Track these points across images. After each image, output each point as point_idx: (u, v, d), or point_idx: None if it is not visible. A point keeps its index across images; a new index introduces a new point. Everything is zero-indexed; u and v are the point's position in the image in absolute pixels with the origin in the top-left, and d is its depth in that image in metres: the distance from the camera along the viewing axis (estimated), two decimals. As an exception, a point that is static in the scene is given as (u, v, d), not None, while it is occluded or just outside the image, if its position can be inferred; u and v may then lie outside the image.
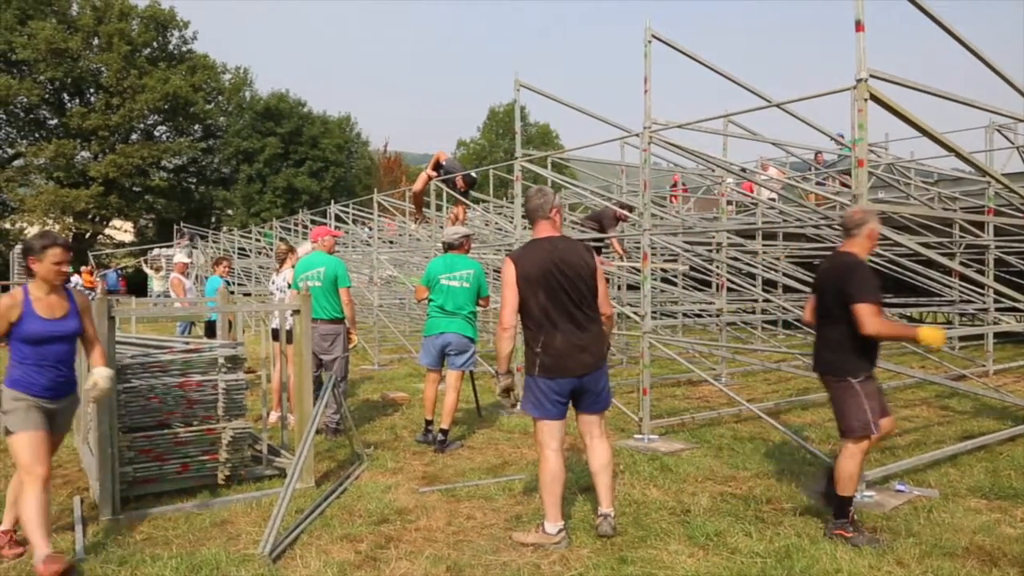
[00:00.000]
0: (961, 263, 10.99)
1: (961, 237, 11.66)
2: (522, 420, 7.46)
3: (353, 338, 7.13)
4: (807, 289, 10.21)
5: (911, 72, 5.10)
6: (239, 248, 23.02)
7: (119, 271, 26.80)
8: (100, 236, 41.26)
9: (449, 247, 6.87)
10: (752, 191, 12.87)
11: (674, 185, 16.27)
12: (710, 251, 10.36)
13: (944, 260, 7.12)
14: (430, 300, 6.70)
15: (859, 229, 4.39)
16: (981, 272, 10.90)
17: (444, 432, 6.39)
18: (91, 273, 25.82)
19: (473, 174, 10.69)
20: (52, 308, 4.07)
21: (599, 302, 4.26)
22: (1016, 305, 7.67)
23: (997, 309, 11.11)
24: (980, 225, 11.02)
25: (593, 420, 4.30)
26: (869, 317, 4.08)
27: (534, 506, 4.80)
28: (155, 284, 17.99)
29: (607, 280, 4.71)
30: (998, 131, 10.25)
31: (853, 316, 4.12)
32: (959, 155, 6.30)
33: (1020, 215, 9.47)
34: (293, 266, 7.65)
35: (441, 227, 11.00)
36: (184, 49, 42.33)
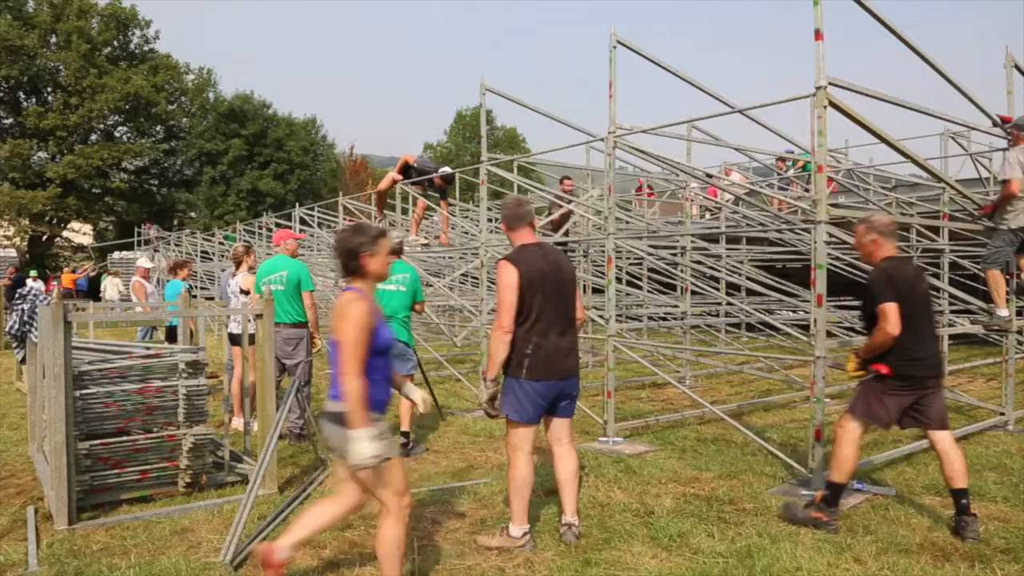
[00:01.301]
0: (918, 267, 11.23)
1: (918, 241, 11.93)
2: (487, 424, 7.47)
3: (317, 342, 7.05)
4: (770, 292, 10.42)
5: (873, 80, 5.21)
6: (202, 251, 22.69)
7: (89, 276, 26.15)
8: (58, 239, 40.33)
9: (392, 252, 6.76)
10: (716, 196, 13.05)
11: (639, 188, 16.40)
12: (674, 255, 10.48)
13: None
14: None
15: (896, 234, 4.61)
16: (937, 276, 11.16)
17: (406, 435, 6.37)
18: (73, 272, 25.24)
19: (449, 169, 10.67)
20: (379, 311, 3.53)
21: (576, 306, 4.36)
22: (970, 307, 7.88)
23: (952, 311, 11.38)
24: (935, 229, 11.29)
25: (564, 424, 4.32)
26: None
27: (499, 510, 4.81)
28: (108, 289, 17.56)
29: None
30: (952, 139, 10.49)
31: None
32: (915, 161, 6.46)
33: (974, 220, 9.72)
34: (251, 268, 7.54)
35: (406, 231, 10.95)
36: (146, 48, 41.55)
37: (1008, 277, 5.82)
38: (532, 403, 4.13)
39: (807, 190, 11.08)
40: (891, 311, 4.34)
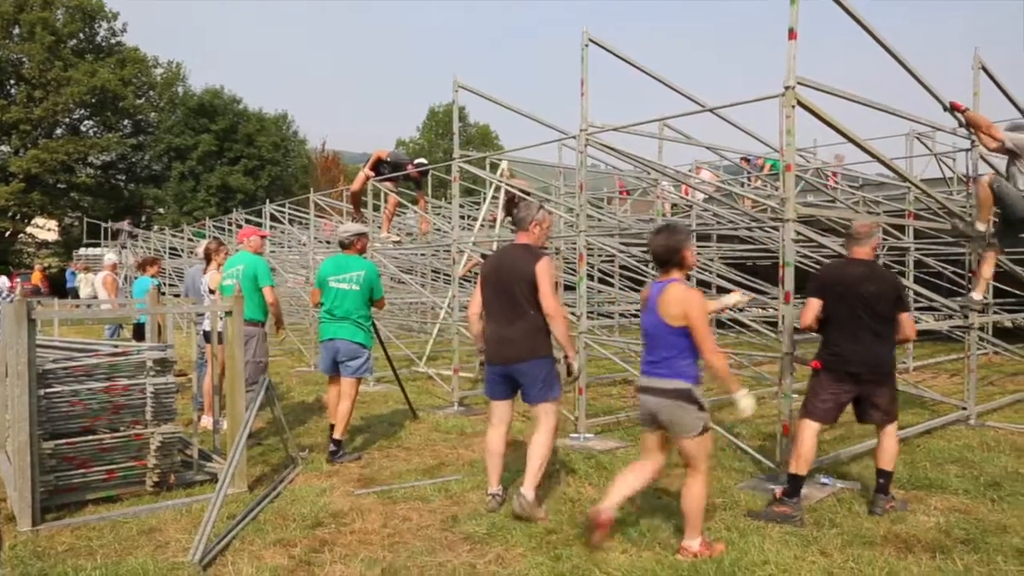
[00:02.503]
0: (884, 264, 11.43)
1: (884, 240, 12.14)
2: (459, 421, 7.48)
3: (281, 332, 7.14)
4: (739, 289, 10.52)
5: (848, 81, 5.29)
6: (170, 248, 22.39)
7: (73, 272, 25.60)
8: (21, 235, 39.54)
9: (340, 246, 6.50)
10: (688, 194, 13.15)
11: (623, 192, 16.46)
12: (646, 252, 10.53)
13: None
14: (321, 304, 6.36)
15: (869, 240, 4.87)
16: (902, 273, 11.37)
17: (337, 442, 6.06)
18: (43, 271, 24.74)
19: (423, 160, 10.63)
20: None
21: (541, 300, 4.59)
22: (934, 304, 8.04)
23: (917, 308, 11.59)
24: (901, 228, 11.50)
25: (536, 409, 4.71)
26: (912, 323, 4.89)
27: (471, 507, 4.82)
28: (83, 286, 17.27)
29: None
30: (917, 139, 10.71)
31: (899, 321, 4.75)
32: (881, 161, 6.57)
33: (938, 219, 9.92)
34: (219, 265, 7.40)
35: (378, 228, 10.90)
36: (113, 41, 40.84)
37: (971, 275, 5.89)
38: (489, 382, 4.85)
39: (776, 188, 11.21)
40: (807, 305, 4.81)
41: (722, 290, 11.39)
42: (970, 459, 5.94)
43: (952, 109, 6.89)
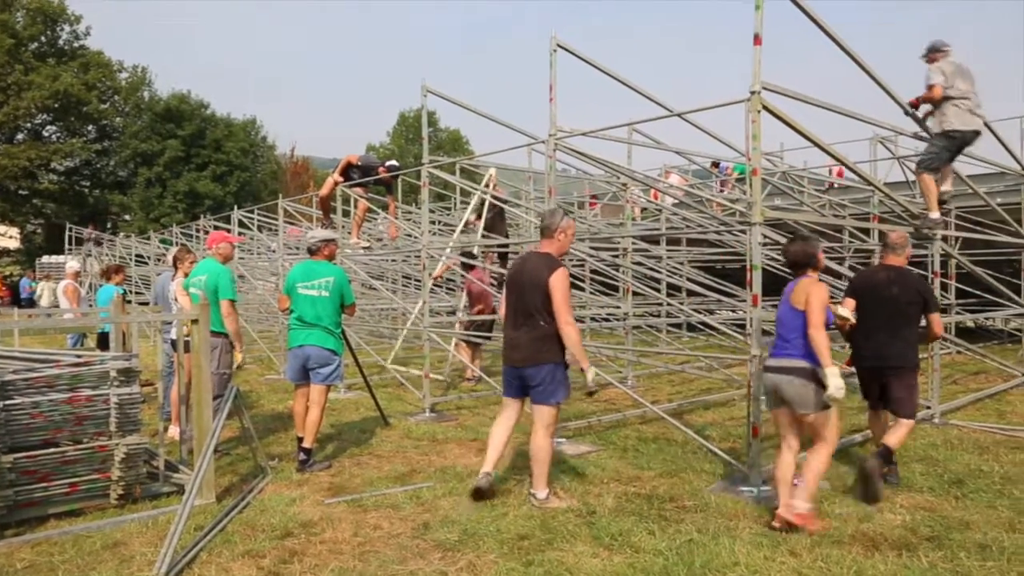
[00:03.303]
0: (850, 267, 11.61)
1: (850, 242, 12.33)
2: (430, 428, 7.44)
3: (237, 356, 6.54)
4: (709, 293, 10.64)
5: (819, 87, 5.38)
6: (137, 255, 22.04)
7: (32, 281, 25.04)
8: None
9: (308, 252, 6.42)
10: (657, 198, 13.25)
11: (592, 202, 16.52)
12: (616, 256, 10.59)
13: (834, 265, 7.51)
14: (290, 311, 6.28)
15: (903, 249, 5.55)
16: (868, 275, 11.53)
17: (306, 451, 5.98)
18: (2, 280, 24.18)
19: (395, 162, 10.50)
20: None
21: (555, 312, 4.79)
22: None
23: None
24: (867, 230, 11.68)
25: (535, 410, 4.94)
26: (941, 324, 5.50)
27: (442, 513, 4.79)
28: (45, 295, 16.93)
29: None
30: (881, 143, 10.88)
31: (928, 320, 5.37)
32: (845, 164, 6.68)
33: (902, 222, 10.09)
34: (185, 274, 7.24)
35: (348, 233, 10.83)
36: (76, 45, 40.20)
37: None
38: (505, 381, 5.15)
39: (743, 192, 11.33)
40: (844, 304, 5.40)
41: (692, 293, 11.49)
42: (935, 457, 6.04)
43: (912, 107, 7.07)
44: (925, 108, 7.19)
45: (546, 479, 4.94)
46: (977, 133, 7.03)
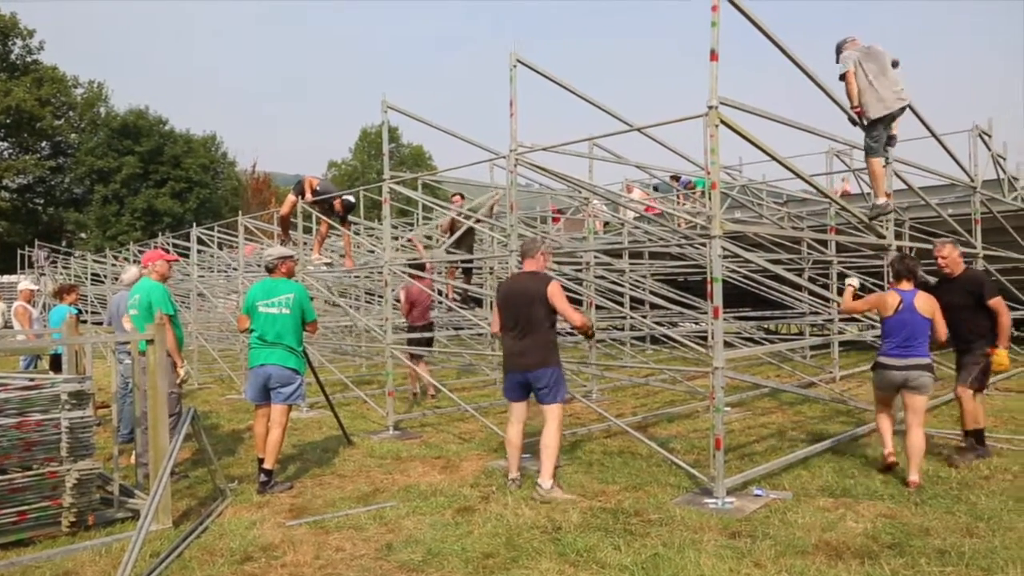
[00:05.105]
0: (809, 278, 11.81)
1: (809, 254, 12.55)
2: (394, 446, 7.36)
3: (179, 371, 6.39)
4: (672, 306, 10.72)
5: (773, 97, 5.45)
6: (93, 274, 21.56)
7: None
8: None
9: (266, 270, 6.37)
10: (619, 212, 13.34)
11: (556, 218, 16.55)
12: (579, 270, 10.63)
13: (792, 276, 7.61)
14: (251, 330, 6.18)
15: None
16: (826, 286, 11.75)
17: (267, 473, 5.87)
18: None
19: (351, 198, 10.42)
20: None
21: (563, 316, 5.62)
22: (855, 316, 8.32)
23: (841, 320, 11.99)
24: (825, 242, 11.89)
25: (544, 409, 5.58)
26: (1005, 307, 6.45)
27: (406, 533, 4.72)
28: None
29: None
30: (836, 156, 11.10)
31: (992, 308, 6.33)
32: (802, 177, 6.79)
33: (858, 233, 10.29)
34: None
35: (311, 250, 10.71)
36: (29, 60, 39.41)
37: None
38: (508, 386, 5.75)
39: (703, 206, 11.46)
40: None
41: (655, 307, 11.57)
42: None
43: (858, 116, 7.22)
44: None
45: (552, 471, 5.45)
46: (902, 109, 7.21)
